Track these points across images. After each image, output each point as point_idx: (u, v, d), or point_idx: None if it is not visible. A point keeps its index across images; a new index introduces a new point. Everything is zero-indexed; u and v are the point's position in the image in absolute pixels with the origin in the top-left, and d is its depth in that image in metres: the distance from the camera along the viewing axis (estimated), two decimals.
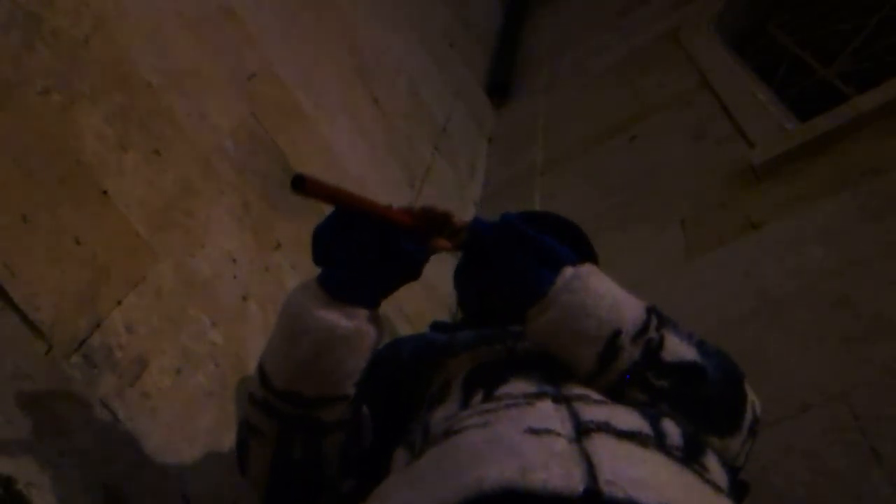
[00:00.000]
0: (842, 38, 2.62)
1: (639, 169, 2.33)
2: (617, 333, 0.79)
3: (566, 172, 2.64)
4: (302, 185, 0.69)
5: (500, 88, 3.61)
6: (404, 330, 1.76)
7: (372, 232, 0.79)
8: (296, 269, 1.52)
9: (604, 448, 0.65)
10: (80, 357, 1.00)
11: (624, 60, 3.09)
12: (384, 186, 2.16)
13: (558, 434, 0.66)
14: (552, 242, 0.83)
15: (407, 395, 0.94)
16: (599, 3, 3.86)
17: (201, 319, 1.23)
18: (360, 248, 0.79)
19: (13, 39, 1.11)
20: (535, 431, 0.67)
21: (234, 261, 1.38)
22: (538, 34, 4.14)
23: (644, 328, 0.81)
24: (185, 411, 1.12)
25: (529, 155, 2.90)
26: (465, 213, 2.63)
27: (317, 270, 0.83)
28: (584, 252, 1.26)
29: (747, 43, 2.84)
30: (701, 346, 0.85)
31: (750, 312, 1.56)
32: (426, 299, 1.90)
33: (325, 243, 0.81)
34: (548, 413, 0.71)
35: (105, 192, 1.16)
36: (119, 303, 1.09)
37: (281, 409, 0.81)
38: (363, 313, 0.80)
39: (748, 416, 0.85)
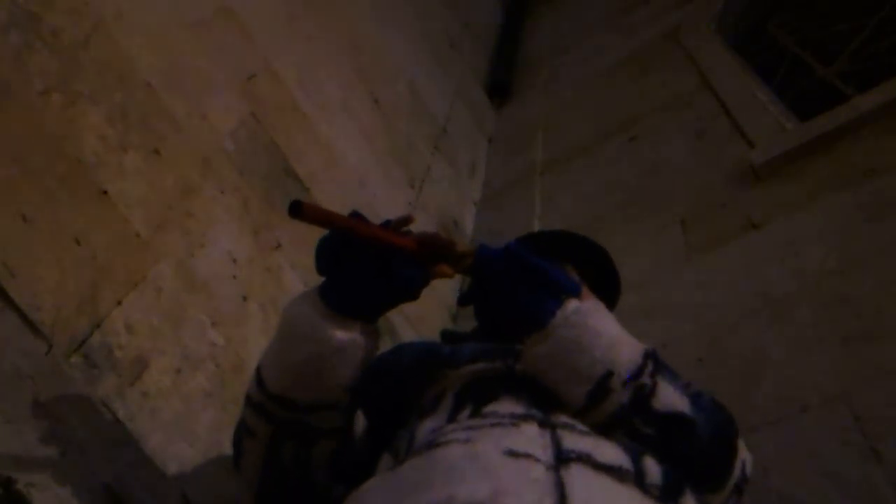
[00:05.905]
0: (842, 38, 2.62)
1: (639, 169, 2.33)
2: (609, 375, 0.78)
3: (566, 172, 2.63)
4: (299, 210, 0.70)
5: (500, 88, 3.61)
6: (404, 329, 1.76)
7: (371, 253, 0.80)
8: (296, 269, 1.52)
9: (579, 480, 0.65)
10: (80, 357, 1.00)
11: (624, 60, 3.09)
12: (384, 186, 2.15)
13: (537, 460, 0.66)
14: (558, 273, 0.82)
15: (403, 401, 0.94)
16: (599, 3, 3.86)
17: (201, 319, 1.23)
18: (360, 266, 0.80)
19: (13, 39, 1.11)
20: (514, 454, 0.67)
21: (234, 261, 1.38)
22: (538, 34, 4.14)
23: (638, 372, 0.79)
24: (185, 411, 1.12)
25: (529, 155, 2.90)
26: (464, 213, 2.63)
27: (315, 272, 0.83)
28: (606, 278, 1.22)
29: (747, 43, 2.84)
30: (696, 398, 0.84)
31: (750, 312, 1.56)
32: (427, 301, 1.89)
33: (327, 256, 0.82)
34: (531, 437, 0.70)
35: (105, 192, 1.16)
36: (119, 303, 1.09)
37: (275, 413, 0.83)
38: (359, 326, 0.81)
39: (735, 474, 0.84)
